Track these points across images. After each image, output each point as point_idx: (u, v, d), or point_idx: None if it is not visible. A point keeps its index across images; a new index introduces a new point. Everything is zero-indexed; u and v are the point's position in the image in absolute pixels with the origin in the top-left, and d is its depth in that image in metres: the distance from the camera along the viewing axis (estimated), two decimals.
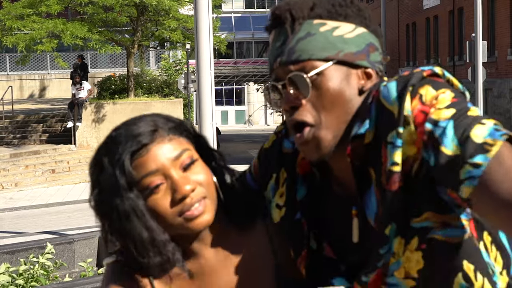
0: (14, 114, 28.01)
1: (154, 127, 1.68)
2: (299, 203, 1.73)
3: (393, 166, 1.51)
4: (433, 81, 1.51)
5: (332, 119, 1.58)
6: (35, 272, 7.11)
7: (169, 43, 30.67)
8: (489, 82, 29.06)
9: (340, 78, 1.58)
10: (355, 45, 1.60)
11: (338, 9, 1.62)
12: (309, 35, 1.59)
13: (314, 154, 1.60)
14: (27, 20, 24.43)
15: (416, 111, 1.48)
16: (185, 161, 1.68)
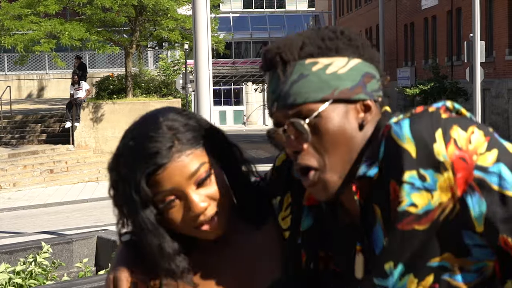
0: (12, 114, 28.01)
1: (172, 141, 1.67)
2: (302, 232, 1.74)
3: (411, 207, 1.51)
4: (456, 120, 1.51)
5: (336, 160, 1.57)
6: (33, 271, 7.13)
7: (167, 43, 30.68)
8: (487, 82, 29.08)
9: (339, 117, 1.56)
10: (350, 80, 1.57)
11: (328, 44, 1.59)
12: (302, 77, 1.56)
13: (322, 195, 1.60)
14: (25, 21, 24.43)
15: (455, 157, 1.47)
16: (200, 176, 1.68)
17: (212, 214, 1.69)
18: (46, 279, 7.27)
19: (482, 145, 1.47)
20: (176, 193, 1.67)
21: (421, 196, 1.50)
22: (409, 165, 1.50)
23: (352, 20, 54.73)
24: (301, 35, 1.61)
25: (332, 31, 1.61)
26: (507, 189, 1.45)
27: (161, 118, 1.70)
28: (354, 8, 54.72)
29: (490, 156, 1.46)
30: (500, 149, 1.47)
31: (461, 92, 30.88)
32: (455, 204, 1.49)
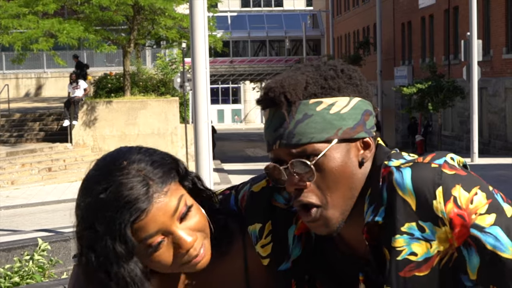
0: (10, 113, 28.04)
1: (146, 183, 1.61)
2: (291, 261, 1.77)
3: (411, 255, 1.59)
4: (460, 179, 1.58)
5: (338, 198, 1.61)
6: (30, 270, 7.16)
7: (165, 42, 30.69)
8: (484, 81, 29.13)
9: (341, 155, 1.61)
10: (352, 119, 1.62)
11: (331, 83, 1.62)
12: (307, 117, 1.59)
13: (323, 230, 1.64)
14: (23, 19, 24.45)
15: (453, 214, 1.55)
16: (182, 210, 1.64)
17: (200, 246, 1.66)
18: (43, 277, 7.31)
19: (483, 207, 1.55)
20: (161, 233, 1.62)
21: (420, 245, 1.59)
22: (408, 217, 1.58)
23: (350, 19, 54.77)
24: (304, 74, 1.64)
25: (333, 69, 1.65)
26: (500, 250, 1.55)
27: (125, 162, 1.63)
28: (351, 7, 54.73)
29: (488, 218, 1.55)
30: (498, 213, 1.56)
31: (458, 91, 30.94)
32: (454, 252, 1.59)
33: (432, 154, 1.65)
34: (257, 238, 1.78)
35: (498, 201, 1.58)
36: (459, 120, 33.90)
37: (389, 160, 1.64)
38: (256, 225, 1.78)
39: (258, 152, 35.47)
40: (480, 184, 1.59)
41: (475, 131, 25.20)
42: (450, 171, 1.59)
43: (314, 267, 1.79)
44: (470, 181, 1.58)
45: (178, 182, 1.67)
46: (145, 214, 1.58)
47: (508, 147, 28.70)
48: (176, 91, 28.25)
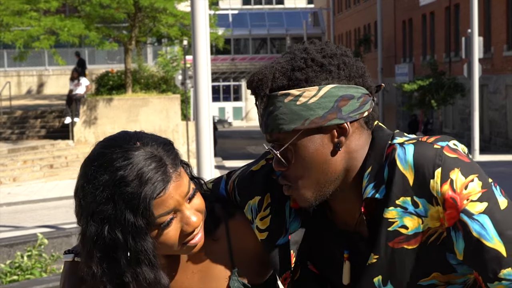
0: (12, 110, 28.08)
1: (164, 164, 1.70)
2: (290, 234, 1.85)
3: (402, 228, 1.67)
4: (460, 163, 1.64)
5: (309, 182, 1.70)
6: (27, 265, 7.20)
7: (167, 40, 30.72)
8: (485, 78, 29.15)
9: (313, 144, 1.68)
10: (321, 108, 1.67)
11: (297, 75, 1.68)
12: (276, 109, 1.68)
13: (301, 204, 1.74)
14: (24, 17, 24.48)
15: (447, 195, 1.62)
16: (191, 192, 1.74)
17: (201, 227, 1.76)
18: (45, 272, 7.36)
19: (476, 194, 1.62)
20: (174, 212, 1.70)
21: (412, 220, 1.66)
22: (404, 191, 1.66)
23: (351, 16, 54.77)
24: (273, 67, 1.70)
25: (304, 59, 1.70)
26: (485, 239, 1.61)
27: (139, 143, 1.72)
28: (352, 4, 54.73)
29: (479, 206, 1.61)
30: (490, 203, 1.62)
31: (459, 88, 30.95)
32: (443, 231, 1.65)
33: (436, 136, 1.71)
34: (256, 211, 1.86)
35: (494, 192, 1.64)
36: (460, 118, 33.91)
37: (393, 139, 1.71)
38: (255, 198, 1.86)
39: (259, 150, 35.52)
40: (479, 173, 1.64)
41: (476, 128, 25.22)
42: (452, 154, 1.65)
43: (308, 242, 1.87)
44: (469, 168, 1.64)
45: (182, 166, 1.76)
46: (164, 191, 1.66)
47: (509, 144, 28.72)
48: (177, 89, 28.28)
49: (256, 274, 1.89)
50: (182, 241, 1.74)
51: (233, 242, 1.88)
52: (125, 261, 1.68)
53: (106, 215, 1.66)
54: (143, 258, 1.68)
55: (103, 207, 1.66)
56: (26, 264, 7.22)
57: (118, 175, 1.65)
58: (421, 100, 32.19)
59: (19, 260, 7.29)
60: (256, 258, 1.88)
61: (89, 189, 1.68)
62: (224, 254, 1.87)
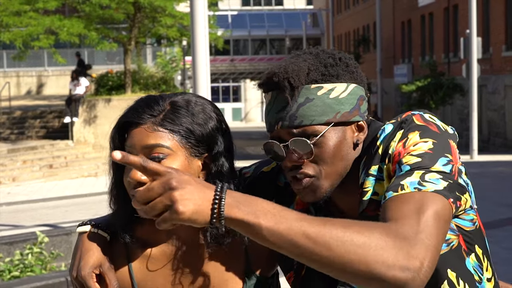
0: (11, 110, 28.11)
1: (157, 113, 1.77)
2: None
3: (374, 195, 1.76)
4: (422, 128, 1.70)
5: (332, 171, 1.78)
6: (29, 263, 7.24)
7: (166, 40, 30.77)
8: (483, 78, 29.18)
9: (338, 136, 1.77)
10: (349, 104, 1.78)
11: (330, 71, 1.78)
12: (308, 101, 1.75)
13: (310, 198, 1.80)
14: (24, 17, 24.52)
15: (396, 151, 1.69)
16: (152, 153, 1.75)
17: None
18: (45, 270, 7.39)
19: (418, 150, 1.66)
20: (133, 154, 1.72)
21: (380, 186, 1.74)
22: (376, 160, 1.75)
23: (350, 17, 54.80)
24: (306, 61, 1.79)
25: (332, 57, 1.81)
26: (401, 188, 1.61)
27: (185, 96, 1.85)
28: (351, 5, 54.77)
29: (413, 160, 1.65)
30: (425, 161, 1.64)
31: (458, 88, 30.98)
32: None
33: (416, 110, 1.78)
34: None
35: (437, 160, 1.65)
36: (458, 118, 33.94)
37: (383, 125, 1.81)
38: None
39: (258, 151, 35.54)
40: (439, 142, 1.67)
41: (475, 129, 25.25)
42: (420, 122, 1.71)
43: None
44: (432, 135, 1.69)
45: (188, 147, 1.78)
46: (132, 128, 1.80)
47: (507, 144, 28.76)
48: (176, 89, 28.33)
49: (267, 267, 1.93)
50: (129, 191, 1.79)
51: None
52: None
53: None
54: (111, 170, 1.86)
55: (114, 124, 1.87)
56: (29, 262, 7.25)
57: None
58: (420, 101, 32.23)
59: (18, 257, 7.32)
60: (268, 252, 1.91)
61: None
62: (239, 247, 1.90)
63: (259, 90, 1.86)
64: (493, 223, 11.89)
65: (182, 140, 1.77)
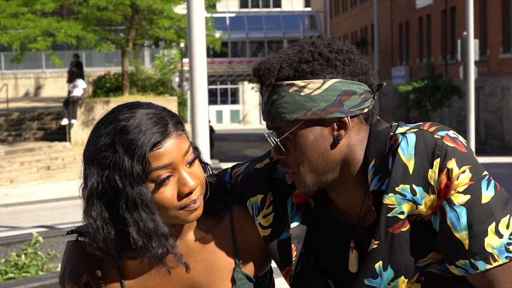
0: (9, 112, 28.11)
1: (166, 121, 1.77)
2: (291, 229, 1.89)
3: (400, 214, 1.75)
4: (457, 153, 1.72)
5: (310, 168, 1.77)
6: (23, 263, 7.24)
7: (164, 42, 30.79)
8: (481, 80, 29.23)
9: (313, 134, 1.75)
10: (324, 101, 1.73)
11: (304, 67, 1.74)
12: (280, 98, 1.74)
13: (301, 190, 1.80)
14: (21, 19, 24.52)
15: (443, 185, 1.71)
16: (190, 156, 1.78)
17: (198, 195, 1.79)
18: (41, 270, 7.40)
19: (463, 186, 1.70)
20: (171, 168, 1.74)
21: (408, 205, 1.74)
22: (404, 179, 1.74)
23: (347, 19, 54.85)
24: (281, 58, 1.77)
25: (311, 52, 1.77)
26: (455, 229, 1.71)
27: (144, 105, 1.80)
28: (349, 7, 54.82)
29: (461, 198, 1.70)
30: (473, 196, 1.70)
31: (455, 90, 31.01)
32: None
33: (436, 125, 1.78)
34: (259, 209, 1.92)
35: (480, 186, 1.71)
36: (456, 120, 33.98)
37: (395, 129, 1.79)
38: (258, 196, 1.93)
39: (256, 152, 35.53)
40: (472, 165, 1.72)
41: (472, 131, 25.26)
42: (451, 144, 1.73)
43: (311, 237, 1.91)
44: (464, 158, 1.72)
45: (186, 136, 1.81)
46: (162, 144, 1.73)
47: (504, 146, 28.81)
48: (174, 91, 28.35)
49: (258, 267, 1.93)
50: (180, 204, 1.77)
51: (237, 234, 1.92)
52: (124, 205, 1.72)
53: (106, 162, 1.73)
54: (140, 202, 1.71)
55: (104, 153, 1.73)
56: (22, 262, 7.26)
57: (120, 124, 1.74)
58: (418, 103, 32.26)
59: (14, 258, 7.32)
60: (259, 251, 1.92)
61: (93, 140, 1.77)
62: (228, 246, 1.91)
63: (257, 92, 1.87)
64: None
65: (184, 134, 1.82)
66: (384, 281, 1.79)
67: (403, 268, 1.78)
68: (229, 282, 1.88)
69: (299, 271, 1.92)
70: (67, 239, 1.88)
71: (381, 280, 1.79)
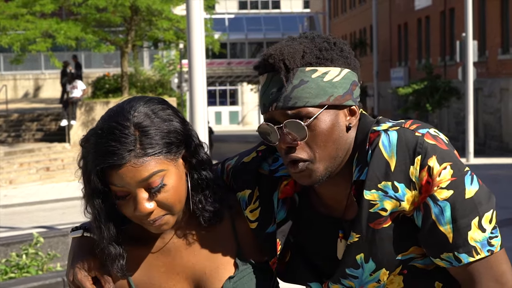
0: (8, 113, 28.12)
1: (134, 145, 1.72)
2: (276, 223, 1.94)
3: (382, 211, 1.80)
4: (437, 150, 1.77)
5: (325, 155, 1.79)
6: (25, 264, 7.26)
7: (163, 43, 30.81)
8: (479, 81, 29.24)
9: (331, 119, 1.78)
10: (342, 88, 1.79)
11: (325, 54, 1.79)
12: (303, 83, 1.76)
13: (306, 181, 1.81)
14: (21, 20, 24.54)
15: (424, 181, 1.76)
16: (153, 183, 1.74)
17: (158, 217, 1.77)
18: (41, 271, 7.42)
19: (445, 182, 1.76)
20: (127, 189, 1.74)
21: (391, 203, 1.79)
22: (386, 176, 1.79)
23: (346, 20, 54.85)
24: (301, 44, 1.81)
25: (327, 41, 1.83)
26: (440, 223, 1.77)
27: (131, 114, 1.76)
28: (348, 9, 54.83)
29: (445, 193, 1.76)
30: (457, 191, 1.76)
31: (454, 92, 31.03)
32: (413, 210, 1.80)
33: (418, 123, 1.83)
34: (246, 204, 1.96)
35: (463, 181, 1.77)
36: (454, 121, 34.00)
37: (378, 125, 1.84)
38: (246, 191, 1.96)
39: None
40: (452, 161, 1.78)
41: (471, 132, 25.31)
42: (431, 141, 1.78)
43: (296, 229, 1.96)
44: (444, 155, 1.77)
45: (170, 156, 1.78)
46: (116, 168, 1.72)
47: (503, 147, 28.82)
48: (173, 92, 28.36)
49: (259, 253, 1.95)
50: (139, 221, 1.79)
51: (237, 224, 1.95)
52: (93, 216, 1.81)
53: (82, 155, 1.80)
54: (96, 217, 1.80)
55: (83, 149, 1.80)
56: (24, 262, 7.28)
57: (96, 130, 1.78)
58: (417, 104, 32.28)
59: (15, 258, 7.34)
60: (257, 242, 1.95)
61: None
62: (229, 235, 1.93)
63: (256, 93, 1.86)
64: None
65: (167, 155, 1.76)
66: (366, 272, 1.84)
67: (384, 261, 1.83)
68: (232, 267, 1.90)
69: (288, 260, 1.98)
70: (72, 236, 1.91)
71: (363, 271, 1.84)
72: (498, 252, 1.79)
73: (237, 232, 1.94)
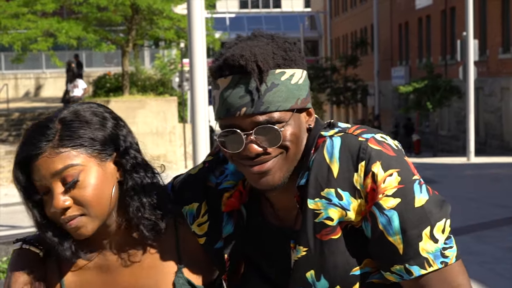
0: (9, 112, 28.15)
1: (53, 136, 1.71)
2: (223, 238, 1.85)
3: (327, 220, 1.69)
4: (382, 156, 1.67)
5: (292, 157, 1.71)
6: None
7: (164, 42, 30.82)
8: (480, 80, 29.27)
9: (297, 122, 1.70)
10: (305, 90, 1.71)
11: (290, 55, 1.70)
12: (274, 86, 1.65)
13: (267, 185, 1.70)
14: (22, 19, 24.56)
15: (369, 189, 1.66)
16: (66, 176, 1.70)
17: (73, 216, 1.72)
18: None
19: (391, 189, 1.65)
20: (45, 184, 1.71)
21: (336, 211, 1.69)
22: (329, 183, 1.69)
23: (347, 20, 54.88)
24: (268, 45, 1.70)
25: (288, 42, 1.75)
26: (388, 233, 1.67)
27: (71, 108, 1.77)
28: (349, 8, 54.87)
29: (391, 201, 1.65)
30: (404, 200, 1.65)
31: (455, 91, 31.05)
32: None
33: (363, 128, 1.74)
34: (194, 217, 1.88)
35: (412, 189, 1.66)
36: (455, 120, 34.03)
37: (326, 131, 1.75)
38: (193, 204, 1.88)
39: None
40: (400, 168, 1.68)
41: (471, 131, 25.32)
42: (376, 146, 1.69)
43: (246, 243, 1.87)
44: (391, 161, 1.67)
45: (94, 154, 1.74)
46: (34, 159, 1.71)
47: (504, 146, 28.84)
48: (174, 91, 28.37)
49: (204, 274, 1.89)
50: (57, 220, 1.74)
51: (182, 241, 1.88)
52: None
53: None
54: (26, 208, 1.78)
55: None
56: None
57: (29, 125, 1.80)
58: (417, 103, 32.30)
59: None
60: (204, 259, 1.89)
61: None
62: (171, 250, 1.87)
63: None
64: (489, 224, 12.02)
65: (88, 150, 1.72)
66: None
67: (338, 279, 1.71)
68: (171, 286, 1.84)
69: (242, 274, 1.90)
70: (13, 248, 1.87)
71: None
72: (453, 263, 1.67)
73: (180, 249, 1.88)
